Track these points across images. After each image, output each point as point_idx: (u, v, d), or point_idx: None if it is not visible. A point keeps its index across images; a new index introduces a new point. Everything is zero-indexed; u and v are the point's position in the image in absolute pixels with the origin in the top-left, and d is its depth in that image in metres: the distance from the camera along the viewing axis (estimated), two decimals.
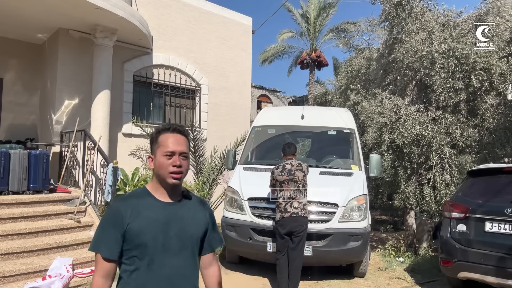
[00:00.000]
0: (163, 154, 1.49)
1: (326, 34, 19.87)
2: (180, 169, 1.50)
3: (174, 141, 1.51)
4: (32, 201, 5.13)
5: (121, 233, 1.43)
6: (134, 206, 1.48)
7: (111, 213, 1.49)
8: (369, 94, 8.83)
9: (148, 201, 1.51)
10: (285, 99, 24.08)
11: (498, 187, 4.50)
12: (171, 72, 8.85)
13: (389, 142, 6.68)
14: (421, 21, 6.91)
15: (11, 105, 7.79)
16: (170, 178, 1.48)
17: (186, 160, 1.54)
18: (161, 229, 1.46)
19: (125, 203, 1.49)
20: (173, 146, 1.50)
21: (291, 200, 4.46)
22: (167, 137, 1.52)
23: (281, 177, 4.57)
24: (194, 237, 1.55)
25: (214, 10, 9.91)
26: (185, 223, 1.52)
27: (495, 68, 6.00)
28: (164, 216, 1.49)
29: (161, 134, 1.54)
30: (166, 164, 1.49)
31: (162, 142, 1.52)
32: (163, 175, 1.49)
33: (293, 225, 4.40)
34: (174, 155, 1.50)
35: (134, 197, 1.54)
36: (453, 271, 4.46)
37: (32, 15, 6.37)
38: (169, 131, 1.54)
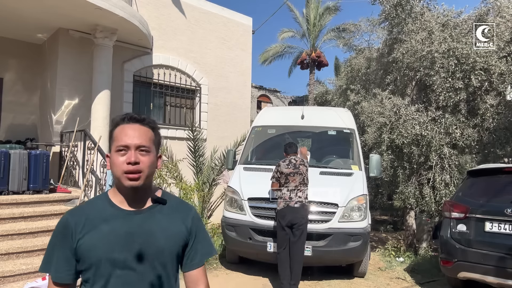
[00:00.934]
0: (116, 150, 1.21)
1: (326, 34, 19.88)
2: (137, 167, 1.19)
3: (129, 132, 1.21)
4: (32, 201, 5.13)
5: (71, 252, 1.18)
6: (88, 217, 1.21)
7: (59, 227, 1.22)
8: (369, 94, 8.83)
9: (106, 211, 1.23)
10: (285, 99, 24.08)
11: (498, 187, 4.50)
12: (171, 72, 8.85)
13: (389, 142, 6.68)
14: (421, 21, 6.91)
15: (11, 105, 7.79)
16: (125, 179, 1.19)
17: (147, 156, 1.22)
18: (119, 245, 1.17)
19: (76, 214, 1.22)
20: (127, 139, 1.20)
21: (296, 191, 4.58)
22: (121, 129, 1.23)
23: (287, 169, 4.68)
24: (165, 253, 1.23)
25: (214, 10, 9.91)
26: (153, 236, 1.21)
27: (495, 68, 6.01)
28: (124, 228, 1.20)
29: (116, 127, 1.25)
30: (119, 161, 1.19)
31: (116, 135, 1.23)
32: (117, 176, 1.20)
33: (294, 215, 4.45)
34: (129, 150, 1.19)
35: (90, 206, 1.26)
36: (453, 271, 4.46)
37: (32, 15, 6.37)
38: (124, 122, 1.25)
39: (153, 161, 1.25)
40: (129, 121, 1.25)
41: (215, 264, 5.69)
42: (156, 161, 1.28)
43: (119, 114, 5.82)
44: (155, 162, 1.28)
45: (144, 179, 1.21)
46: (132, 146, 1.20)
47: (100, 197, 1.30)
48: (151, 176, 1.26)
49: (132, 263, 1.18)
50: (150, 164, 1.23)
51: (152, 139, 1.26)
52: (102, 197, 1.29)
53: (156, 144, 1.29)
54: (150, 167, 1.23)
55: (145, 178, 1.22)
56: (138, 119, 1.25)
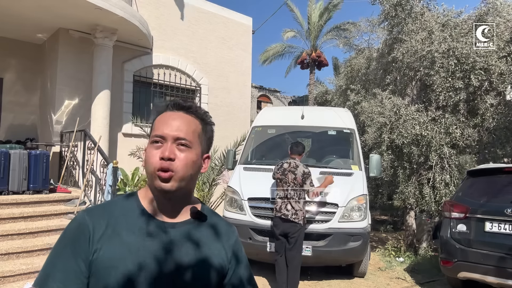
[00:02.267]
0: (151, 141, 0.98)
1: (326, 34, 19.89)
2: (170, 164, 0.92)
3: (169, 121, 0.97)
4: (32, 201, 5.13)
5: (86, 263, 0.88)
6: (112, 220, 0.93)
7: (72, 229, 0.93)
8: (369, 94, 8.83)
9: (134, 217, 0.95)
10: (285, 99, 24.08)
11: (498, 187, 4.50)
12: (171, 72, 8.85)
13: (389, 142, 6.68)
14: (421, 21, 6.91)
15: (11, 105, 7.79)
16: (156, 178, 0.93)
17: (186, 152, 0.95)
18: (144, 269, 0.89)
19: (96, 215, 0.94)
20: (164, 128, 0.96)
21: (286, 201, 4.48)
22: (162, 117, 1.00)
23: (277, 174, 4.65)
24: (200, 284, 0.96)
25: (214, 10, 9.91)
26: (189, 262, 0.94)
27: (495, 68, 6.01)
28: (154, 246, 0.92)
29: (159, 116, 1.02)
30: (152, 155, 0.94)
31: (156, 124, 1.00)
32: (149, 174, 0.96)
33: (285, 226, 4.43)
34: (165, 142, 0.95)
35: (113, 206, 0.98)
36: (453, 271, 4.46)
37: (32, 15, 6.37)
38: (167, 109, 1.01)
39: (194, 161, 0.97)
40: (173, 108, 1.01)
41: None
42: (200, 161, 1.01)
43: (119, 114, 5.83)
44: (199, 163, 1.00)
45: (178, 181, 0.94)
46: (169, 137, 0.95)
47: (127, 197, 1.02)
48: (190, 181, 0.98)
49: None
50: (189, 163, 0.95)
51: (197, 132, 1.00)
52: (130, 198, 1.01)
53: (204, 141, 1.03)
54: (188, 167, 0.95)
55: (180, 180, 0.94)
56: (183, 105, 1.01)
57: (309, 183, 4.50)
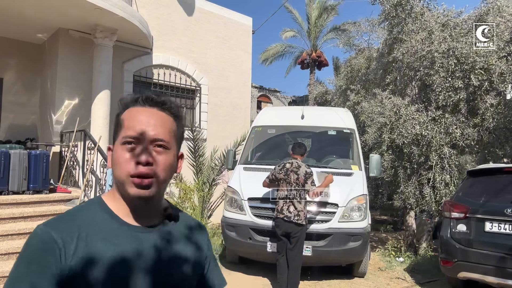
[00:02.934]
0: (122, 142, 0.86)
1: (326, 34, 19.89)
2: (150, 169, 0.84)
3: (143, 118, 0.87)
4: (32, 201, 5.13)
5: (55, 284, 0.77)
6: (82, 233, 0.82)
7: (38, 247, 0.79)
8: (369, 94, 8.83)
9: (107, 225, 0.86)
10: (285, 99, 24.07)
11: (498, 187, 4.51)
12: (171, 72, 8.85)
13: (389, 142, 6.68)
14: (421, 21, 6.91)
15: (11, 105, 7.79)
16: (131, 185, 0.84)
17: (165, 155, 0.88)
18: (128, 276, 0.83)
19: (63, 229, 0.81)
20: (139, 127, 0.86)
21: (288, 202, 4.46)
22: (133, 112, 0.89)
23: (279, 175, 4.61)
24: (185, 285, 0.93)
25: (214, 10, 9.91)
26: (171, 265, 0.90)
27: (495, 67, 6.01)
28: (134, 252, 0.85)
29: (125, 110, 0.91)
30: (125, 159, 0.84)
31: (124, 121, 0.89)
32: (120, 180, 0.85)
33: (287, 226, 4.42)
34: (141, 143, 0.85)
35: (81, 216, 0.86)
36: (453, 271, 4.46)
37: (32, 15, 6.37)
38: (139, 104, 0.90)
39: (172, 163, 0.90)
40: (145, 103, 0.90)
41: None
42: (176, 162, 0.94)
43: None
44: (175, 165, 0.93)
45: (158, 187, 0.87)
46: (145, 138, 0.85)
47: (93, 204, 0.91)
48: (167, 183, 0.91)
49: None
50: (168, 166, 0.88)
51: (173, 131, 0.91)
52: (96, 205, 0.90)
53: (178, 139, 0.95)
54: (167, 171, 0.89)
55: (159, 186, 0.87)
56: (158, 101, 0.90)
57: (310, 183, 4.48)
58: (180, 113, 0.96)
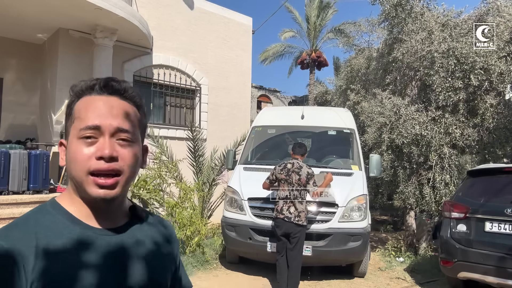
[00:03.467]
0: (79, 135, 0.75)
1: (326, 34, 19.89)
2: (114, 166, 0.74)
3: (104, 106, 0.76)
4: (32, 201, 5.13)
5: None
6: (40, 241, 0.70)
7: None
8: (369, 94, 8.83)
9: (67, 231, 0.74)
10: (285, 99, 24.07)
11: (498, 187, 4.51)
12: (171, 72, 8.85)
13: (388, 142, 6.68)
14: (421, 21, 6.91)
15: (11, 105, 7.79)
16: (92, 185, 0.73)
17: (129, 148, 0.77)
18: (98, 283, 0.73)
19: (18, 238, 0.70)
20: (99, 117, 0.75)
21: (288, 202, 4.42)
22: (90, 100, 0.77)
23: (280, 175, 4.55)
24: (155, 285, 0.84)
25: (214, 10, 9.91)
26: (142, 266, 0.81)
27: (495, 67, 6.01)
28: (102, 258, 0.75)
29: (79, 100, 0.79)
30: (83, 155, 0.73)
31: (79, 111, 0.77)
32: (78, 178, 0.74)
33: (287, 227, 4.40)
34: (100, 136, 0.75)
35: (34, 223, 0.74)
36: (453, 271, 4.46)
37: (32, 15, 6.37)
38: (95, 92, 0.78)
39: (139, 157, 0.80)
40: (103, 90, 0.77)
41: (215, 264, 5.69)
42: (141, 156, 0.83)
43: None
44: (140, 159, 0.82)
45: (124, 185, 0.77)
46: (106, 129, 0.74)
47: (47, 208, 0.78)
48: (132, 181, 0.82)
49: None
50: (135, 161, 0.78)
51: (137, 121, 0.81)
52: (50, 208, 0.78)
53: (142, 131, 0.85)
54: (134, 167, 0.78)
55: (125, 184, 0.77)
56: (118, 88, 0.78)
57: (312, 183, 4.46)
58: (142, 102, 0.85)
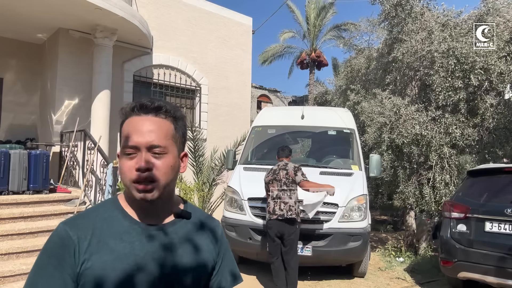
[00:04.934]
0: (123, 152, 0.93)
1: (326, 34, 19.88)
2: (149, 175, 0.90)
3: (139, 127, 0.92)
4: (32, 201, 5.12)
5: (72, 278, 0.85)
6: (96, 231, 0.90)
7: (54, 242, 0.89)
8: (369, 94, 8.83)
9: (119, 224, 0.93)
10: (285, 99, 24.06)
11: (498, 187, 4.51)
12: (171, 72, 8.85)
13: (389, 142, 6.68)
14: (421, 21, 6.91)
15: (11, 105, 7.79)
16: (135, 190, 0.91)
17: (162, 159, 0.92)
18: (138, 273, 0.88)
19: (79, 226, 0.90)
20: (136, 137, 0.91)
21: (278, 200, 4.37)
22: (130, 122, 0.94)
23: (267, 178, 4.55)
24: (194, 280, 0.96)
25: (214, 10, 9.91)
26: (180, 261, 0.94)
27: (494, 67, 6.01)
28: (145, 249, 0.91)
29: (127, 119, 0.95)
30: (127, 167, 0.91)
31: (124, 132, 0.94)
32: (126, 186, 0.93)
33: (281, 228, 4.30)
34: (139, 152, 0.91)
35: (95, 215, 0.94)
36: (453, 271, 4.46)
37: (32, 14, 6.37)
38: (135, 113, 0.94)
39: (172, 165, 0.95)
40: (140, 111, 0.93)
41: None
42: (178, 162, 0.98)
43: (119, 114, 5.56)
44: (177, 165, 0.97)
45: (161, 189, 0.92)
46: (141, 146, 0.90)
47: (108, 204, 0.98)
48: (171, 184, 0.96)
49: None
50: (168, 169, 0.93)
51: (171, 134, 0.95)
52: (111, 204, 0.97)
53: (179, 139, 0.99)
54: (168, 174, 0.93)
55: (161, 188, 0.92)
56: (151, 108, 0.93)
57: (300, 174, 4.39)
58: (178, 113, 0.99)
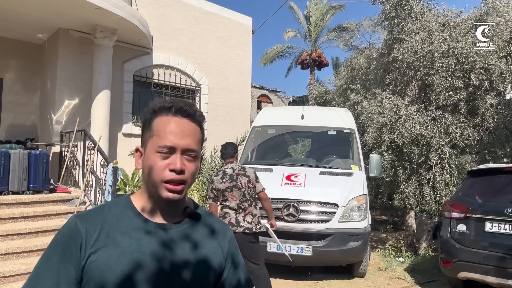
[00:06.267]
0: (157, 150, 0.93)
1: (327, 34, 19.88)
2: (182, 177, 0.93)
3: (177, 129, 0.94)
4: (32, 201, 5.13)
5: (76, 270, 0.87)
6: (105, 226, 0.92)
7: (64, 233, 0.91)
8: (369, 94, 8.83)
9: (128, 221, 0.94)
10: (285, 99, 24.07)
11: (498, 187, 4.50)
12: (171, 72, 8.85)
13: (389, 142, 6.67)
14: (421, 21, 6.91)
15: (11, 105, 7.79)
16: (164, 189, 0.92)
17: (193, 163, 0.96)
18: (142, 270, 0.88)
19: (89, 220, 0.92)
20: (174, 138, 0.93)
21: (243, 212, 3.79)
22: (166, 122, 0.95)
23: (222, 184, 3.84)
24: (199, 283, 0.96)
25: (214, 10, 9.92)
26: (187, 262, 0.94)
27: (495, 67, 6.01)
28: (151, 246, 0.91)
29: (157, 116, 0.97)
30: (160, 166, 0.92)
31: (158, 129, 0.95)
32: (153, 183, 0.93)
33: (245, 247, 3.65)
34: (174, 153, 0.93)
35: (106, 211, 0.96)
36: (453, 271, 4.46)
37: (32, 15, 6.37)
38: (171, 113, 0.96)
39: (198, 169, 0.99)
40: (177, 113, 0.96)
41: None
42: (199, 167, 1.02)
43: (119, 114, 5.71)
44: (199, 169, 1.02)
45: (186, 191, 0.96)
46: (178, 148, 0.93)
47: (120, 202, 0.99)
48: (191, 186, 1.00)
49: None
50: (196, 172, 0.98)
51: (201, 139, 1.00)
52: (122, 202, 0.99)
53: (201, 143, 1.03)
54: (195, 177, 0.98)
55: (187, 189, 0.97)
56: (189, 112, 0.97)
57: (260, 182, 3.98)
58: (203, 120, 1.03)
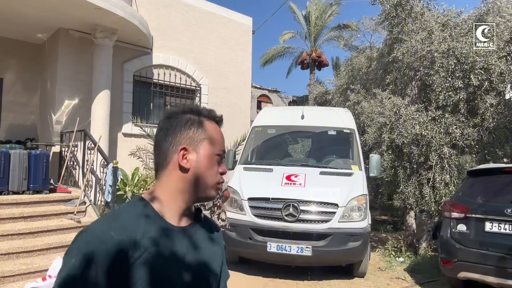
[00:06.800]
0: (217, 153, 0.98)
1: (327, 34, 19.87)
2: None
3: (223, 138, 1.03)
4: (32, 201, 5.13)
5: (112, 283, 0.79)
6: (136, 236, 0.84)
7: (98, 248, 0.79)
8: (369, 94, 8.83)
9: (157, 224, 0.90)
10: (285, 99, 24.07)
11: (498, 187, 4.50)
12: (171, 72, 8.85)
13: (389, 142, 6.68)
14: (421, 21, 6.91)
15: (11, 105, 7.79)
16: (213, 191, 0.98)
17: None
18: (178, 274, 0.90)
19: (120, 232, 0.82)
20: (223, 144, 1.02)
21: (216, 209, 3.87)
22: (216, 129, 1.01)
23: None
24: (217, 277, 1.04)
25: (214, 10, 9.92)
26: (205, 258, 0.98)
27: (495, 67, 6.01)
28: (180, 250, 0.92)
29: (206, 121, 0.99)
30: (216, 170, 0.98)
31: (212, 135, 0.98)
32: (206, 185, 0.96)
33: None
34: (222, 158, 1.03)
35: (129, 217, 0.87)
36: (453, 271, 4.46)
37: (32, 15, 6.37)
38: (215, 122, 1.02)
39: None
40: (218, 122, 1.04)
41: None
42: None
43: (119, 114, 5.71)
44: None
45: None
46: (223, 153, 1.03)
47: (137, 204, 0.92)
48: None
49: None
50: None
51: None
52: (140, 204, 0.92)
53: None
54: None
55: None
56: (221, 120, 1.05)
57: None
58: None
